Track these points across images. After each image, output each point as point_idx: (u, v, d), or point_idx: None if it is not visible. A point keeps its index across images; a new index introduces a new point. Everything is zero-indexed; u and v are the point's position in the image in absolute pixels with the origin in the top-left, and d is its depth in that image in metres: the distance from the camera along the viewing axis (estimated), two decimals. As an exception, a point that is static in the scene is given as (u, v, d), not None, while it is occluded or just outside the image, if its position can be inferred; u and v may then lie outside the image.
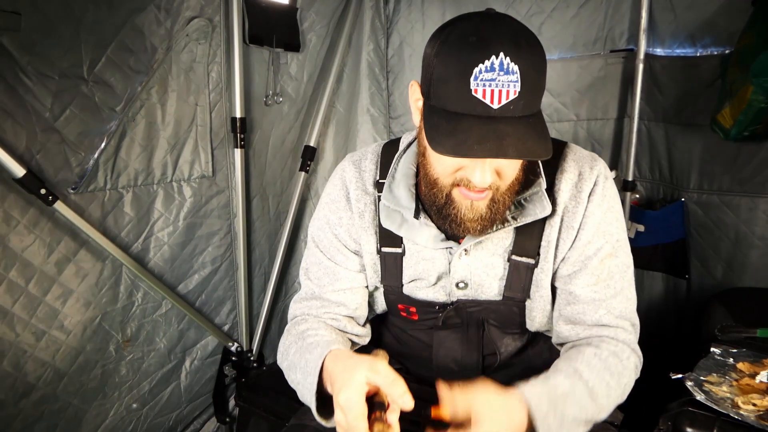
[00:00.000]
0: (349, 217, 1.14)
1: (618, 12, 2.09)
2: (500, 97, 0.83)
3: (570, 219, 1.04)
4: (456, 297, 1.13)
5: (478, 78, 0.83)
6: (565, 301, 1.08)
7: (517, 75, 0.83)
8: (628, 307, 1.07)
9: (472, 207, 0.95)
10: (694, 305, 2.04)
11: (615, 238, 1.05)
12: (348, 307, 1.18)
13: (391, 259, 1.14)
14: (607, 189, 1.05)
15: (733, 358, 1.30)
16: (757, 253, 1.94)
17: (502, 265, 1.08)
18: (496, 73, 0.82)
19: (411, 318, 1.20)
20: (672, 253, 2.15)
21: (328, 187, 1.19)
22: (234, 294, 2.18)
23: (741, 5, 1.74)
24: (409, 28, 2.59)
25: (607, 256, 1.04)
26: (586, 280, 1.05)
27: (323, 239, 1.18)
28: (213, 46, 1.85)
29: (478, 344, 1.18)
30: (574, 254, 1.05)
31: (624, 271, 1.07)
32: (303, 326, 1.14)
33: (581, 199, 1.03)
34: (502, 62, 0.82)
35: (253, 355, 2.28)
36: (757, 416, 1.06)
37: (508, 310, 1.12)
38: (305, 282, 1.21)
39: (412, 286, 1.15)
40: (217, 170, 1.98)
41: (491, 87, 0.83)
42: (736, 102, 1.66)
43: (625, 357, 1.03)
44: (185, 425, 2.15)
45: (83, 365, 1.71)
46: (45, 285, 1.55)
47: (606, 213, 1.04)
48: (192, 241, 1.95)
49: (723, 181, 1.97)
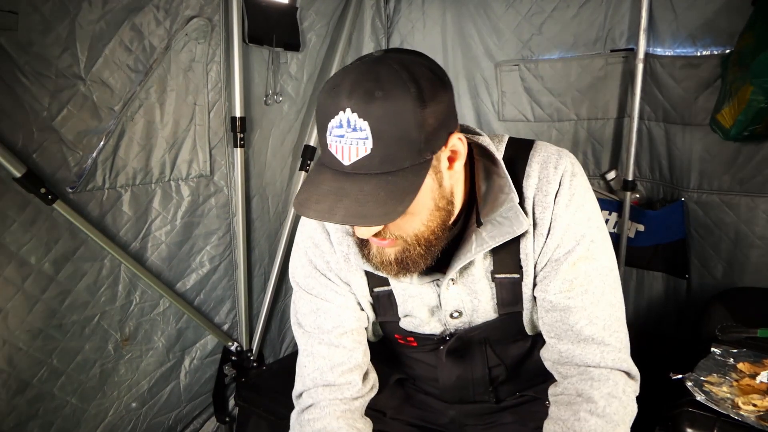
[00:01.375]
0: (336, 261, 1.06)
1: (618, 12, 2.09)
2: (350, 154, 0.77)
3: (540, 227, 0.97)
4: (453, 326, 1.09)
5: (332, 134, 0.78)
6: (544, 309, 1.01)
7: (367, 131, 0.75)
8: (614, 314, 0.98)
9: (380, 252, 0.91)
10: (694, 305, 2.04)
11: (589, 239, 0.96)
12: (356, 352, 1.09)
13: (384, 297, 1.08)
14: (574, 187, 0.96)
15: (733, 358, 1.29)
16: (757, 253, 1.94)
17: (489, 286, 1.03)
18: (344, 130, 0.77)
19: (410, 345, 1.16)
20: (672, 253, 2.15)
21: (307, 231, 1.09)
22: (233, 293, 2.18)
23: (741, 5, 1.74)
24: (410, 27, 2.59)
25: (580, 259, 0.96)
26: (559, 286, 0.97)
27: (314, 285, 1.09)
28: (212, 45, 1.85)
29: (483, 360, 1.15)
30: (544, 259, 0.98)
31: (605, 274, 0.98)
32: (318, 425, 1.04)
33: (547, 203, 0.96)
34: (349, 119, 0.76)
35: (253, 355, 2.28)
36: (757, 417, 1.06)
37: (507, 324, 1.08)
38: (301, 334, 1.11)
39: (407, 321, 1.10)
40: (216, 170, 1.98)
41: (341, 144, 0.77)
42: (736, 102, 1.65)
43: (621, 391, 0.94)
44: (185, 425, 2.15)
45: (82, 364, 1.71)
46: (43, 284, 1.55)
47: (575, 213, 0.96)
48: (189, 240, 1.95)
49: (723, 180, 1.97)
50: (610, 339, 0.96)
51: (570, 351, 0.98)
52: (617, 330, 0.98)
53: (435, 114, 0.79)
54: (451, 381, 1.18)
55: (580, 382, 0.97)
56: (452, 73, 2.56)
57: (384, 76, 0.77)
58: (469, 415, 1.25)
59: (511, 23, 2.31)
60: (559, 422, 0.96)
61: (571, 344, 0.98)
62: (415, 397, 1.29)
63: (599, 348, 0.96)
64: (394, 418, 1.25)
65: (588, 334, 0.96)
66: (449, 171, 0.86)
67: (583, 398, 0.95)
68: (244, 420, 2.03)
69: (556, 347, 1.00)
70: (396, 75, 0.77)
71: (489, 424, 1.24)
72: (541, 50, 2.27)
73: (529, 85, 2.32)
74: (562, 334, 0.99)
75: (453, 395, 1.22)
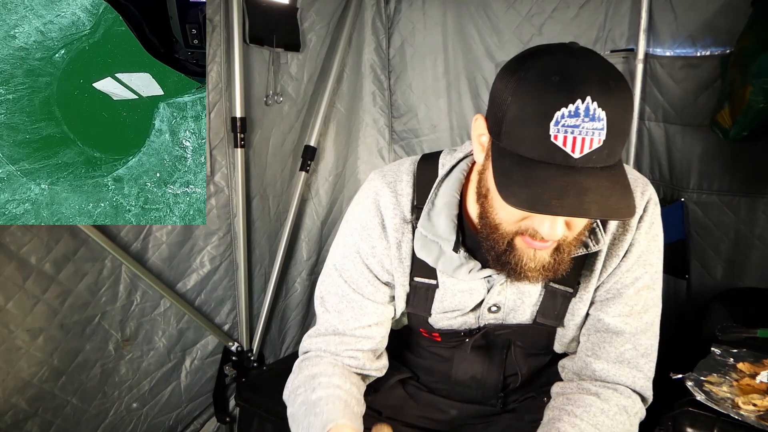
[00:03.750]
0: (385, 246, 1.04)
1: (618, 12, 2.09)
2: (583, 146, 0.74)
3: (616, 247, 0.99)
4: (485, 321, 1.08)
5: (559, 123, 0.74)
6: (594, 328, 1.02)
7: (604, 122, 0.74)
8: (653, 345, 1.03)
9: (534, 256, 0.88)
10: (694, 305, 2.04)
11: (655, 269, 1.01)
12: (373, 341, 1.09)
13: (423, 289, 1.06)
14: (655, 216, 1.00)
15: (733, 358, 1.29)
16: (757, 253, 1.94)
17: (538, 291, 1.03)
18: (580, 119, 0.73)
19: (433, 339, 1.15)
20: (672, 253, 2.14)
21: (358, 211, 1.07)
22: (234, 294, 2.18)
23: (741, 6, 1.74)
24: (411, 27, 2.59)
25: (644, 288, 1.00)
26: (619, 310, 1.00)
27: (350, 269, 1.07)
28: (213, 45, 1.85)
29: (501, 365, 1.15)
30: (611, 280, 1.00)
31: (657, 304, 1.03)
32: (315, 369, 1.05)
33: (630, 226, 0.98)
34: (588, 107, 0.73)
35: (254, 355, 2.28)
36: (757, 416, 1.06)
37: (537, 334, 1.08)
38: (323, 314, 1.11)
39: (440, 317, 1.09)
40: (216, 170, 1.98)
41: (573, 134, 0.73)
42: (736, 103, 1.65)
43: (633, 413, 0.98)
44: (185, 425, 2.15)
45: (82, 364, 1.71)
46: (43, 284, 1.55)
47: (651, 242, 1.00)
48: (190, 240, 1.95)
49: (723, 181, 1.97)
50: (644, 366, 1.01)
51: (606, 370, 1.01)
52: (652, 359, 1.03)
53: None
54: (464, 378, 1.18)
55: (602, 388, 1.00)
56: (453, 73, 2.56)
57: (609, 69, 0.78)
58: (470, 416, 1.25)
59: (512, 24, 2.31)
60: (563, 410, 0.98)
61: (608, 364, 1.01)
62: (416, 395, 1.28)
63: (632, 372, 1.00)
64: (390, 418, 1.25)
65: (628, 357, 1.00)
66: None
67: (598, 398, 0.98)
68: (245, 420, 2.03)
69: (592, 365, 1.02)
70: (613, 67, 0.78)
71: (488, 423, 1.25)
72: (542, 51, 2.27)
73: (530, 86, 2.32)
74: (602, 354, 1.01)
75: (460, 394, 1.22)
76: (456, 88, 2.57)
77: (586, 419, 0.95)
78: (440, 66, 2.58)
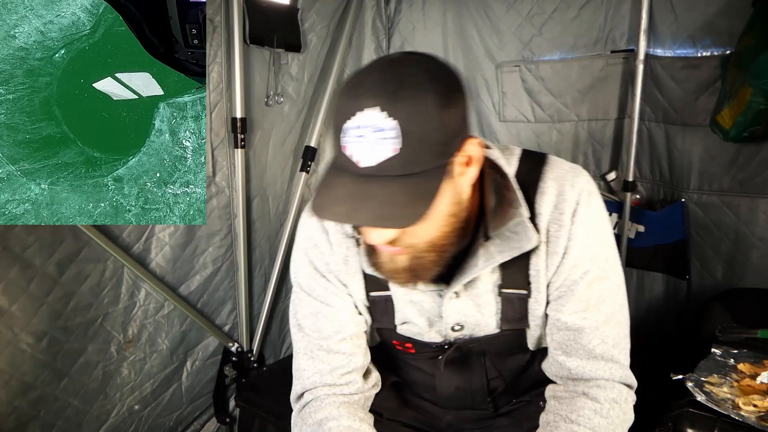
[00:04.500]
0: (335, 262, 1.05)
1: (618, 13, 2.09)
2: (371, 156, 0.74)
3: (554, 245, 0.96)
4: (453, 338, 1.08)
5: (347, 134, 0.75)
6: (555, 327, 1.01)
7: (396, 131, 0.73)
8: (622, 332, 1.01)
9: (392, 259, 0.88)
10: (695, 306, 2.04)
11: (603, 258, 0.98)
12: (358, 354, 1.09)
13: (381, 302, 1.07)
14: (591, 206, 0.96)
15: (733, 359, 1.29)
16: (757, 253, 1.94)
17: (495, 300, 1.02)
18: (364, 130, 0.74)
19: (408, 352, 1.15)
20: (672, 253, 2.15)
21: (307, 231, 1.08)
22: (234, 294, 2.18)
23: (741, 6, 1.74)
24: (411, 28, 2.59)
25: (595, 280, 0.97)
26: (574, 307, 0.98)
27: (315, 287, 1.08)
28: (213, 46, 1.85)
29: (482, 371, 1.14)
30: (559, 279, 0.98)
31: (615, 292, 1.00)
32: (320, 414, 1.03)
33: (563, 222, 0.95)
34: (374, 118, 0.73)
35: (254, 356, 2.28)
36: (757, 417, 1.06)
37: (507, 339, 1.08)
38: (303, 338, 1.10)
39: (405, 328, 1.09)
40: (217, 170, 1.98)
41: (360, 144, 0.74)
42: (736, 103, 1.66)
43: (623, 400, 0.98)
44: (186, 426, 2.15)
45: (84, 366, 1.71)
46: (47, 286, 1.55)
47: (592, 234, 0.96)
48: (192, 241, 1.95)
49: (723, 181, 1.97)
50: (619, 356, 0.99)
51: (581, 367, 1.00)
52: (625, 347, 1.01)
53: (455, 116, 0.78)
54: (449, 391, 1.18)
55: (586, 387, 0.99)
56: (453, 74, 2.56)
57: (409, 76, 0.76)
58: (466, 420, 1.25)
59: (512, 24, 2.31)
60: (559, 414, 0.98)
61: (581, 360, 1.00)
62: (412, 401, 1.29)
63: (608, 365, 0.99)
64: (391, 419, 1.25)
65: (599, 352, 0.98)
66: (463, 177, 0.85)
67: (588, 397, 0.97)
68: (245, 421, 2.03)
69: (566, 364, 1.01)
70: (421, 75, 0.76)
71: (485, 428, 1.25)
72: (542, 51, 2.28)
73: (530, 86, 2.33)
74: (572, 352, 1.00)
75: (450, 403, 1.22)
76: (456, 89, 2.57)
77: (583, 423, 0.95)
78: (440, 66, 2.58)
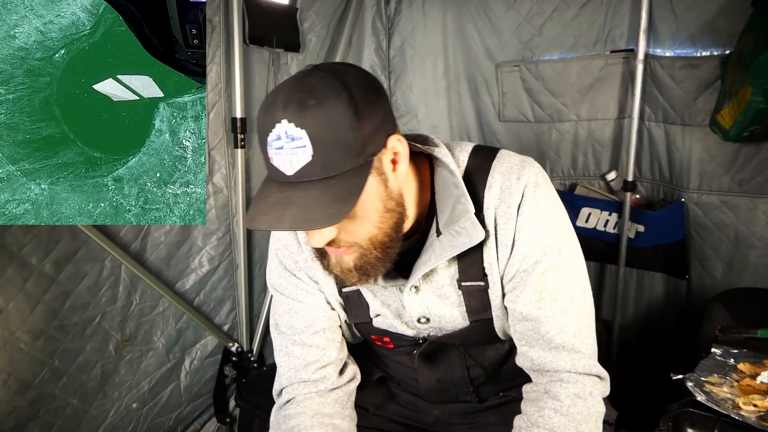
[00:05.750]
0: (304, 259, 1.09)
1: (618, 13, 2.09)
2: (291, 164, 0.80)
3: (503, 237, 0.97)
4: (424, 332, 1.10)
5: (271, 147, 0.81)
6: (516, 319, 1.02)
7: (305, 139, 0.78)
8: (583, 321, 1.00)
9: (339, 260, 0.92)
10: (695, 306, 2.05)
11: (556, 248, 0.97)
12: (332, 348, 1.12)
13: (354, 297, 1.09)
14: (538, 197, 0.96)
15: (733, 358, 1.29)
16: (757, 253, 1.94)
17: (456, 293, 1.04)
18: (283, 141, 0.79)
19: (387, 347, 1.17)
20: (672, 253, 2.15)
21: (277, 233, 1.13)
22: (234, 294, 2.18)
23: (740, 6, 1.74)
24: (411, 28, 2.59)
25: (548, 270, 0.97)
26: (528, 297, 0.98)
27: (287, 286, 1.12)
28: (213, 46, 1.85)
29: (461, 362, 1.16)
30: (512, 270, 0.99)
31: (572, 281, 0.99)
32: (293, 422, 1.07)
33: (510, 215, 0.96)
34: (286, 129, 0.79)
35: (254, 356, 2.28)
36: (758, 417, 1.06)
37: (479, 330, 1.09)
38: (278, 336, 1.14)
39: (379, 320, 1.11)
40: (215, 170, 1.98)
41: (282, 155, 0.80)
42: (736, 103, 1.66)
43: (588, 393, 0.97)
44: (185, 425, 2.15)
45: (83, 365, 1.71)
46: (44, 285, 1.55)
47: (540, 223, 0.97)
48: (188, 240, 1.95)
49: (723, 181, 1.97)
50: (580, 346, 0.99)
51: (542, 358, 1.00)
52: (587, 336, 1.01)
53: (370, 117, 0.82)
54: (431, 383, 1.19)
55: (549, 383, 1.00)
56: (453, 73, 2.56)
57: (316, 86, 0.80)
58: (453, 414, 1.26)
59: (512, 24, 2.31)
60: (524, 417, 1.00)
61: (542, 351, 1.00)
62: (399, 396, 1.30)
63: (570, 355, 0.99)
64: (377, 415, 1.27)
65: (559, 342, 0.99)
66: (393, 173, 0.88)
67: (549, 396, 0.98)
68: (245, 421, 2.03)
69: (528, 354, 1.02)
70: (327, 83, 0.80)
71: (473, 424, 1.26)
72: (542, 51, 2.28)
73: (530, 86, 2.33)
74: (534, 342, 1.01)
75: (435, 397, 1.23)
76: (456, 89, 2.58)
77: (542, 425, 0.96)
78: (440, 67, 2.58)
